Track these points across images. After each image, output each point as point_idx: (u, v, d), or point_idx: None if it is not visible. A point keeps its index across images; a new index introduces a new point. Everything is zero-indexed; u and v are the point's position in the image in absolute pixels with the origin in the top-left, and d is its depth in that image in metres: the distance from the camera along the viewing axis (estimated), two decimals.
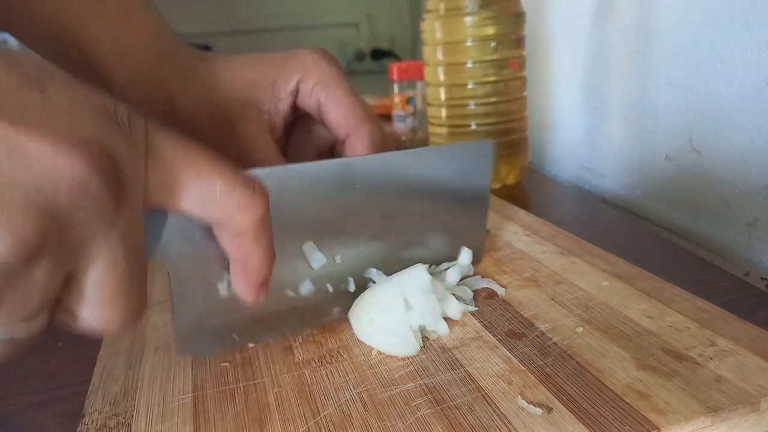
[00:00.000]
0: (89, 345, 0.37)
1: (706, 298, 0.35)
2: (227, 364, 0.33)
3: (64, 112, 0.19)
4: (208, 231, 0.26)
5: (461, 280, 0.39)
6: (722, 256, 0.55)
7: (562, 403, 0.27)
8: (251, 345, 0.34)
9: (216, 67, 0.41)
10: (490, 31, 0.65)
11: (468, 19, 0.65)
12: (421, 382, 0.29)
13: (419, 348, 0.32)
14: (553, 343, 0.32)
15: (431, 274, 0.36)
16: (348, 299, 0.36)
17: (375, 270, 0.37)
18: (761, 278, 0.50)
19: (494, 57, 0.66)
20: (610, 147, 0.72)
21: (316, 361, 0.32)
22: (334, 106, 0.40)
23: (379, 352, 0.32)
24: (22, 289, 0.19)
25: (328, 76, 0.40)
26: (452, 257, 0.40)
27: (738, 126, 0.52)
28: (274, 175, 0.30)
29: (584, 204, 0.70)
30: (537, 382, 0.28)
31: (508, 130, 0.70)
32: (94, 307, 0.21)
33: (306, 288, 0.35)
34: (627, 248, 0.46)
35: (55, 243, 0.19)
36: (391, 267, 0.37)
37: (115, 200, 0.20)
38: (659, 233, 0.62)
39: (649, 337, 0.31)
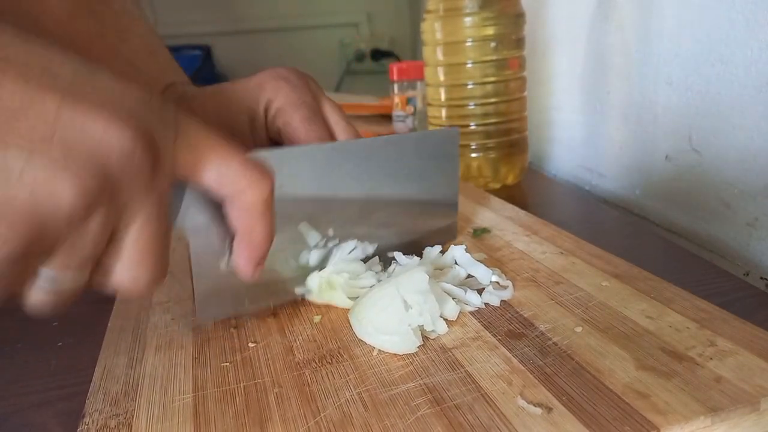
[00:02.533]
0: (89, 345, 0.37)
1: (706, 298, 0.35)
2: (228, 364, 0.33)
3: (112, 96, 0.23)
4: (217, 209, 0.30)
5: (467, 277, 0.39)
6: (722, 256, 0.55)
7: (562, 403, 0.27)
8: (260, 306, 0.38)
9: (203, 100, 0.43)
10: (490, 31, 0.65)
11: (468, 20, 0.65)
12: (421, 382, 0.29)
13: (418, 346, 0.32)
14: (553, 343, 0.32)
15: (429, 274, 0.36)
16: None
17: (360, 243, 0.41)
18: (761, 278, 0.50)
19: (494, 57, 0.66)
20: (610, 147, 0.72)
21: (317, 361, 0.32)
22: (289, 134, 0.41)
23: (380, 351, 0.32)
24: (78, 239, 0.23)
25: (286, 104, 0.41)
26: (426, 231, 0.45)
27: (738, 126, 0.52)
28: (271, 157, 0.32)
29: (584, 204, 0.70)
30: (537, 382, 0.28)
31: (508, 130, 0.70)
32: (128, 263, 0.25)
33: (304, 259, 0.39)
34: (627, 248, 0.46)
35: (108, 199, 0.23)
36: (377, 239, 0.41)
37: (153, 169, 0.24)
38: (659, 233, 0.62)
39: (648, 337, 0.31)
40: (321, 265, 0.39)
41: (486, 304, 0.37)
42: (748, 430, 0.26)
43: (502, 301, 0.37)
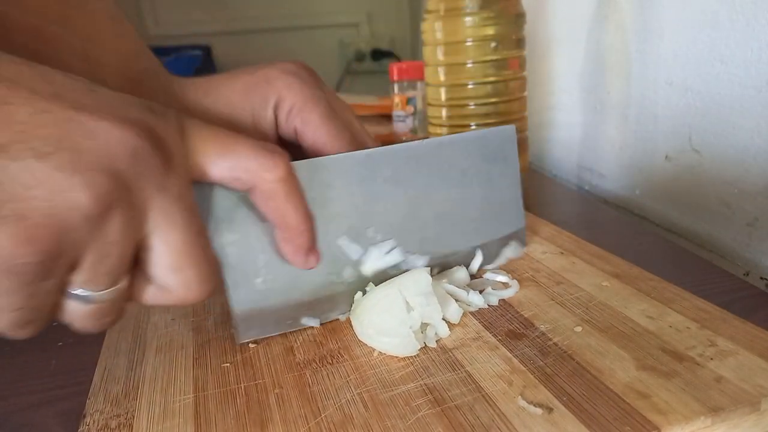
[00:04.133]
0: (90, 345, 0.37)
1: (706, 298, 0.35)
2: (228, 364, 0.33)
3: (112, 103, 0.25)
4: (249, 218, 0.32)
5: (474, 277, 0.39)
6: (722, 256, 0.55)
7: (563, 403, 0.27)
8: (309, 323, 0.36)
9: (195, 98, 0.40)
10: (491, 31, 0.65)
11: (468, 20, 0.65)
12: (421, 382, 0.29)
13: (419, 348, 0.32)
14: (554, 343, 0.32)
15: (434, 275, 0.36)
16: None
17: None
18: (761, 278, 0.50)
19: (494, 57, 0.66)
20: (610, 147, 0.72)
21: (317, 361, 0.32)
22: (310, 133, 0.38)
23: (380, 352, 0.32)
24: (101, 245, 0.23)
25: (302, 100, 0.38)
26: (489, 242, 0.41)
27: (738, 126, 0.52)
28: (301, 168, 0.32)
29: (584, 204, 0.70)
30: (537, 382, 0.28)
31: None
32: (169, 269, 0.26)
33: (348, 273, 0.36)
34: (627, 248, 0.46)
35: (123, 197, 0.23)
36: (430, 251, 0.39)
37: (164, 163, 0.25)
38: (659, 233, 0.62)
39: (649, 337, 0.31)
40: (363, 277, 0.37)
41: (487, 304, 0.37)
42: (749, 431, 0.26)
43: (502, 301, 0.37)
